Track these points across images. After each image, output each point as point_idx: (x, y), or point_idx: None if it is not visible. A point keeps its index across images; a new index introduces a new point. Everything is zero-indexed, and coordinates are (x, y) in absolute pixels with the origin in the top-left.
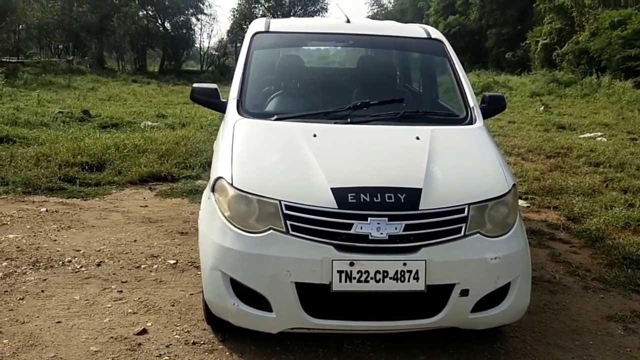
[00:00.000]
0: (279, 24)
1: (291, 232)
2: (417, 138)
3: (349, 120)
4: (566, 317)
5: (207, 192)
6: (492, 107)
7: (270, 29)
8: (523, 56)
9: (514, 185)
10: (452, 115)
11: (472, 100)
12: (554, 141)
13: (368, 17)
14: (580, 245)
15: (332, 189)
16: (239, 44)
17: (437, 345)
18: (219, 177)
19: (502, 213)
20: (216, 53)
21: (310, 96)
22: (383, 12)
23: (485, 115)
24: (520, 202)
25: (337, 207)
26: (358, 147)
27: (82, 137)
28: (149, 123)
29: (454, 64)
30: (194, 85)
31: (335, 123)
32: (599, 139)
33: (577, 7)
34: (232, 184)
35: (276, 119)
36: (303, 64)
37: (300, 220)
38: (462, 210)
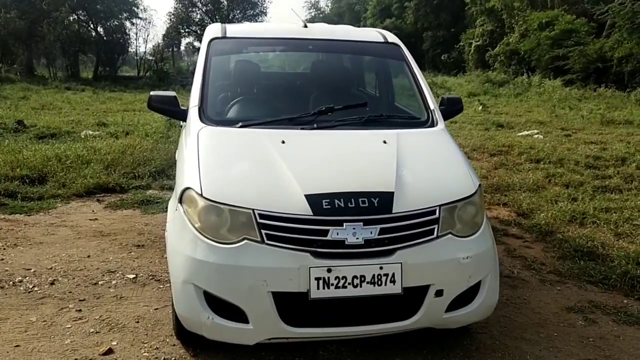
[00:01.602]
0: (236, 30)
1: (266, 242)
2: (384, 142)
3: (315, 125)
4: (528, 311)
5: (173, 204)
6: (450, 109)
7: (227, 35)
8: (458, 58)
9: (479, 185)
10: (414, 119)
11: (432, 103)
12: (495, 139)
13: (306, 20)
14: (532, 240)
15: (306, 196)
16: (176, 49)
17: (411, 346)
18: (187, 188)
19: (471, 213)
20: (153, 58)
21: (272, 102)
22: (320, 15)
23: (445, 117)
24: None
25: (312, 213)
26: (327, 152)
27: (20, 148)
28: (90, 132)
29: (412, 67)
30: (152, 93)
31: (301, 129)
32: (536, 136)
33: (506, 10)
34: (201, 195)
35: (241, 126)
36: (262, 70)
37: (276, 229)
38: (434, 212)
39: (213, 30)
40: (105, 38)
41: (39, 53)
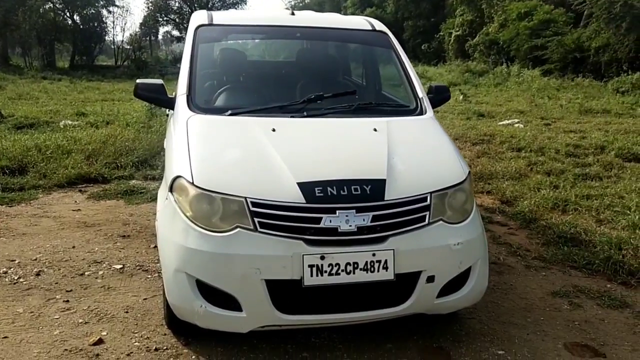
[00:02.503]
0: (222, 17)
1: (259, 230)
2: (375, 130)
3: (305, 113)
4: (515, 296)
5: (163, 193)
6: (438, 97)
7: (214, 22)
8: (438, 47)
9: (469, 172)
10: (403, 107)
11: (420, 91)
12: (477, 129)
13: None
14: (516, 227)
15: (299, 184)
16: (154, 38)
17: (402, 333)
18: (178, 176)
19: (461, 200)
20: (130, 47)
21: (261, 90)
22: (301, 4)
23: (433, 105)
24: None
25: (305, 201)
26: (318, 140)
27: None
28: (69, 122)
29: (400, 55)
30: (138, 80)
31: (291, 117)
32: (517, 125)
33: (486, 0)
34: (192, 183)
35: (231, 114)
36: (249, 57)
37: (268, 217)
38: (425, 199)
39: (199, 17)
40: (81, 27)
41: (13, 42)
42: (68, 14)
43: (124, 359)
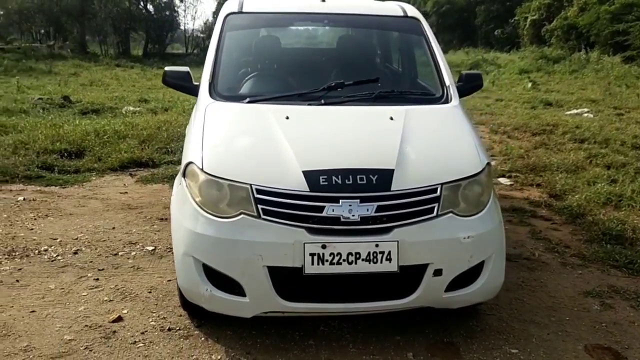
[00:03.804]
0: (253, 4)
1: (262, 217)
2: (391, 118)
3: (322, 101)
4: (543, 294)
5: (178, 178)
6: (468, 85)
7: (244, 10)
8: (512, 33)
9: (488, 164)
10: (427, 95)
11: (447, 79)
12: (540, 118)
13: None
14: (561, 222)
15: (304, 172)
16: None
17: (413, 325)
18: (190, 162)
19: (476, 192)
20: (201, 35)
21: (286, 77)
22: None
23: (462, 94)
24: (503, 180)
25: (308, 190)
26: (331, 128)
27: (62, 123)
28: (131, 108)
29: (430, 42)
30: (166, 68)
31: (308, 104)
32: (586, 115)
33: None
34: (202, 169)
35: (249, 102)
36: (278, 45)
37: (272, 204)
38: (435, 190)
39: (230, 5)
40: (154, 15)
41: (91, 30)
42: (142, 3)
43: (138, 336)
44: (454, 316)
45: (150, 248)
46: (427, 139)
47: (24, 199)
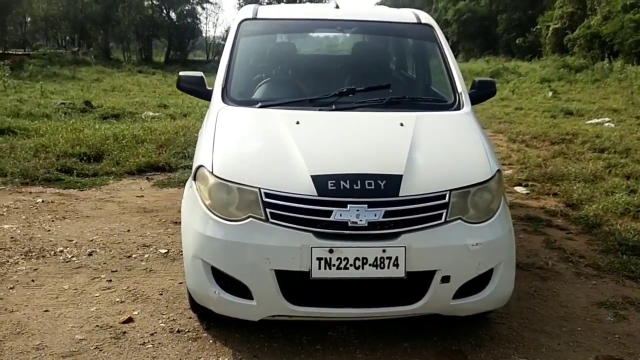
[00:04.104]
0: (267, 11)
1: (270, 220)
2: (401, 124)
3: (333, 107)
4: (555, 304)
5: (189, 181)
6: (481, 92)
7: (258, 16)
8: (534, 41)
9: (498, 171)
10: (439, 101)
11: (460, 86)
12: (559, 127)
13: (377, 4)
14: (576, 232)
15: (312, 177)
16: None
17: (421, 332)
18: (200, 166)
19: (486, 199)
20: (222, 42)
21: (298, 83)
22: None
23: (475, 101)
24: (520, 189)
25: (316, 194)
26: (341, 134)
27: (82, 128)
28: (150, 113)
29: (443, 49)
30: (180, 73)
31: (319, 110)
32: (607, 124)
33: None
34: (212, 173)
35: (260, 107)
36: (291, 51)
37: (280, 208)
38: (443, 197)
39: (245, 11)
40: (177, 23)
41: (115, 37)
42: (165, 10)
43: (147, 338)
44: (463, 324)
45: (163, 251)
46: (437, 146)
47: (43, 201)
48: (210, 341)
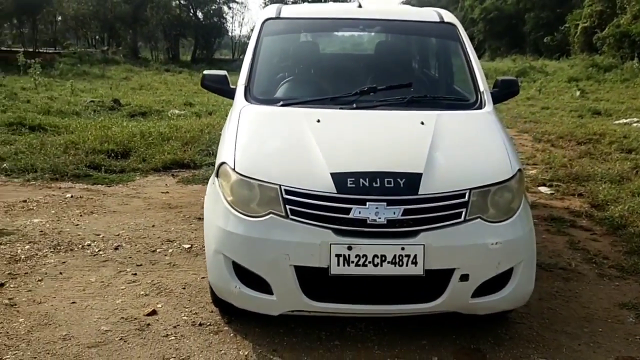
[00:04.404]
0: (290, 10)
1: (290, 217)
2: (422, 123)
3: (354, 105)
4: (577, 305)
5: (212, 178)
6: (504, 91)
7: (281, 15)
8: (562, 40)
9: (519, 170)
10: (461, 100)
11: (482, 85)
12: (586, 127)
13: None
14: (601, 233)
15: (332, 174)
16: None
17: (440, 330)
18: (223, 163)
19: (506, 198)
20: (248, 41)
21: (320, 82)
22: None
23: (498, 100)
24: (544, 190)
25: (335, 191)
26: (361, 132)
27: (110, 125)
28: (176, 111)
29: (466, 48)
30: (204, 72)
31: (340, 108)
32: (635, 124)
33: None
34: (234, 169)
35: (282, 105)
36: (314, 50)
37: (300, 205)
38: (463, 195)
39: (268, 11)
40: (203, 22)
41: (143, 36)
42: (192, 10)
43: (170, 330)
44: (483, 323)
45: (187, 246)
46: (457, 144)
47: (72, 196)
48: (231, 334)
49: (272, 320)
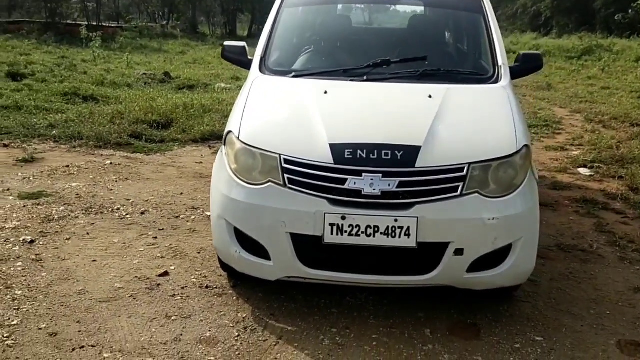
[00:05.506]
0: None
1: (288, 185)
2: (430, 96)
3: (365, 78)
4: (589, 287)
5: (221, 146)
6: (525, 66)
7: None
8: (635, 18)
9: (525, 146)
10: (477, 74)
11: (501, 59)
12: None
13: None
14: (633, 217)
15: (331, 145)
16: None
17: (439, 305)
18: (229, 132)
19: (509, 174)
20: None
21: (336, 54)
22: None
23: (518, 75)
24: (583, 171)
25: (333, 162)
26: (366, 104)
27: (156, 97)
28: (223, 85)
29: (488, 21)
30: (225, 43)
31: (350, 80)
32: None
33: None
34: (238, 138)
35: (293, 76)
36: (333, 23)
37: (297, 174)
38: (461, 169)
39: None
40: None
41: (203, 11)
42: None
43: (178, 290)
44: (485, 299)
45: (209, 214)
46: (463, 118)
47: (111, 163)
48: (234, 298)
49: (275, 286)
